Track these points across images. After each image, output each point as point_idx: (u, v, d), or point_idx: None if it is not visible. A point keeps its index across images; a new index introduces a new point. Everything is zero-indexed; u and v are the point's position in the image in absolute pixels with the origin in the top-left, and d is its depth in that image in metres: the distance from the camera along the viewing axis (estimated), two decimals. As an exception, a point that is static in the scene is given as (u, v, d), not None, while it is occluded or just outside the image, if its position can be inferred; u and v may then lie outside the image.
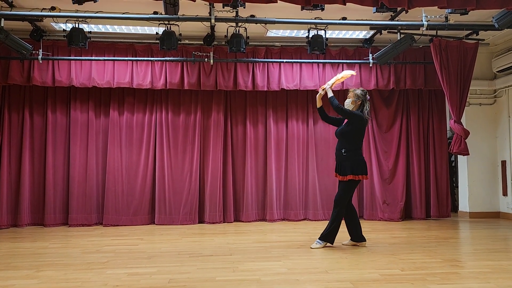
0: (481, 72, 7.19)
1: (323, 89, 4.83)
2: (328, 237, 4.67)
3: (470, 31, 6.36)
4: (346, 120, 4.76)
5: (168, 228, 6.30)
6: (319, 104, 4.93)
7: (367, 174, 4.70)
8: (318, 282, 3.28)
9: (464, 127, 6.28)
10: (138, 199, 6.69)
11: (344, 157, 4.61)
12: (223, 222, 6.75)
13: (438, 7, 4.83)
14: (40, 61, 6.17)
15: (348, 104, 4.74)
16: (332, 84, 4.83)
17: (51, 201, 6.51)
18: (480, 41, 6.43)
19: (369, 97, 4.81)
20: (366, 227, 6.25)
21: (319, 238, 4.70)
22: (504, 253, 4.36)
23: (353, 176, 4.56)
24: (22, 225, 6.38)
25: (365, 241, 4.78)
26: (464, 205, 7.24)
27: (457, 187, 7.64)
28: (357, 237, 4.76)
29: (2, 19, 5.33)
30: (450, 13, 5.18)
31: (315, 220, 6.87)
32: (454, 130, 6.21)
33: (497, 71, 7.10)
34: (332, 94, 4.74)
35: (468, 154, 6.27)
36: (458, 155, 7.13)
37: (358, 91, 4.75)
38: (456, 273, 3.55)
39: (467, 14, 5.14)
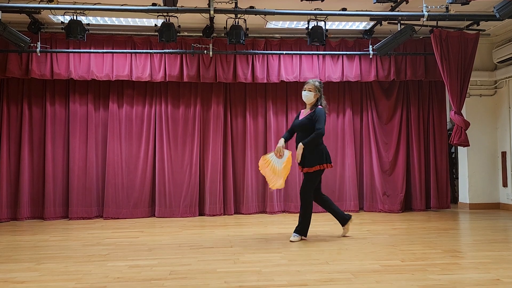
0: (481, 63, 7.16)
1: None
2: (302, 231, 4.66)
3: (471, 22, 6.33)
4: (303, 114, 4.75)
5: (168, 221, 6.30)
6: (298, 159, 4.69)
7: (331, 162, 4.71)
8: (319, 273, 3.29)
9: (465, 118, 6.27)
10: (138, 192, 6.69)
11: (308, 149, 4.57)
12: (223, 215, 6.75)
13: (439, -3, 4.80)
14: (39, 54, 6.14)
15: (310, 97, 4.67)
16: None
17: (51, 194, 6.51)
18: (480, 32, 6.39)
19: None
20: (366, 218, 6.27)
21: (294, 232, 4.68)
22: (504, 243, 4.37)
23: (320, 166, 4.56)
24: (21, 219, 6.39)
25: (351, 216, 4.84)
26: (464, 196, 7.25)
27: (457, 178, 7.64)
28: (343, 219, 4.79)
29: (0, 12, 5.29)
30: (451, 3, 5.13)
31: (315, 212, 6.83)
32: (455, 121, 6.20)
33: (498, 62, 7.07)
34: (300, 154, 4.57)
35: (469, 145, 6.26)
36: (458, 147, 7.13)
37: (317, 83, 4.70)
38: (456, 263, 3.55)
39: (468, 4, 5.09)
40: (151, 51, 6.45)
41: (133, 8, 5.29)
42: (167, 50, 6.42)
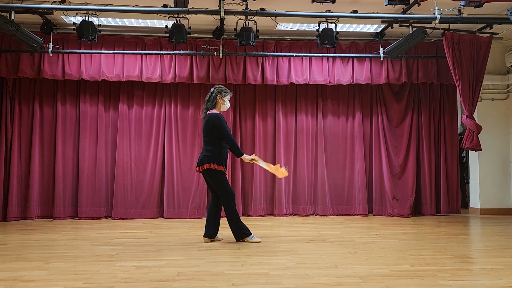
0: (494, 66, 7.08)
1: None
2: (245, 232, 4.63)
3: (484, 25, 6.25)
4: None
5: (176, 222, 6.31)
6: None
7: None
8: (327, 277, 3.26)
9: (477, 122, 6.20)
10: (147, 192, 6.70)
11: None
12: (232, 216, 6.73)
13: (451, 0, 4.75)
14: (50, 54, 6.19)
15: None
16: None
17: (61, 194, 6.55)
18: (493, 35, 6.32)
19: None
20: (375, 222, 6.22)
21: (239, 240, 4.65)
22: (516, 250, 4.30)
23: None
24: (31, 218, 6.44)
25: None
26: (475, 201, 7.15)
27: (468, 183, 7.55)
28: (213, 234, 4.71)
29: (13, 12, 5.35)
30: (463, 5, 5.09)
31: (324, 215, 6.84)
32: (466, 125, 6.13)
33: (511, 66, 6.98)
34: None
35: (481, 150, 6.19)
36: (470, 151, 7.05)
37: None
38: (467, 269, 3.50)
39: (481, 6, 5.05)
40: (161, 52, 6.47)
41: (144, 9, 5.32)
42: (177, 52, 6.44)
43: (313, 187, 7.00)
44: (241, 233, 4.64)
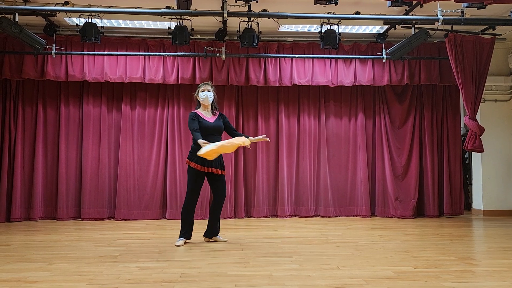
0: (497, 68, 7.06)
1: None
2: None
3: (487, 26, 6.24)
4: (207, 117, 4.77)
5: (179, 223, 6.26)
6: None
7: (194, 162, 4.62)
8: (330, 278, 3.26)
9: (479, 123, 6.19)
10: (150, 193, 6.71)
11: None
12: (234, 218, 6.74)
13: (454, 1, 4.74)
14: (54, 56, 6.21)
15: (212, 98, 4.82)
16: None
17: (64, 195, 6.57)
18: (496, 36, 6.30)
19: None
20: (378, 224, 6.21)
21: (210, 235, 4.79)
22: (520, 251, 4.29)
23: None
24: (35, 219, 6.46)
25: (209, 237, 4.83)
26: (478, 202, 7.14)
27: (471, 184, 7.54)
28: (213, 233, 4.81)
29: (17, 14, 5.37)
30: (466, 7, 5.08)
31: (326, 217, 6.84)
32: (469, 127, 6.11)
33: (514, 67, 6.97)
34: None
35: (483, 151, 6.16)
36: (473, 152, 7.03)
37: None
38: (471, 271, 3.50)
39: (484, 8, 5.04)
40: (164, 53, 6.49)
41: (147, 11, 5.33)
42: (180, 53, 6.46)
43: (316, 188, 7.00)
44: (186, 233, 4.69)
